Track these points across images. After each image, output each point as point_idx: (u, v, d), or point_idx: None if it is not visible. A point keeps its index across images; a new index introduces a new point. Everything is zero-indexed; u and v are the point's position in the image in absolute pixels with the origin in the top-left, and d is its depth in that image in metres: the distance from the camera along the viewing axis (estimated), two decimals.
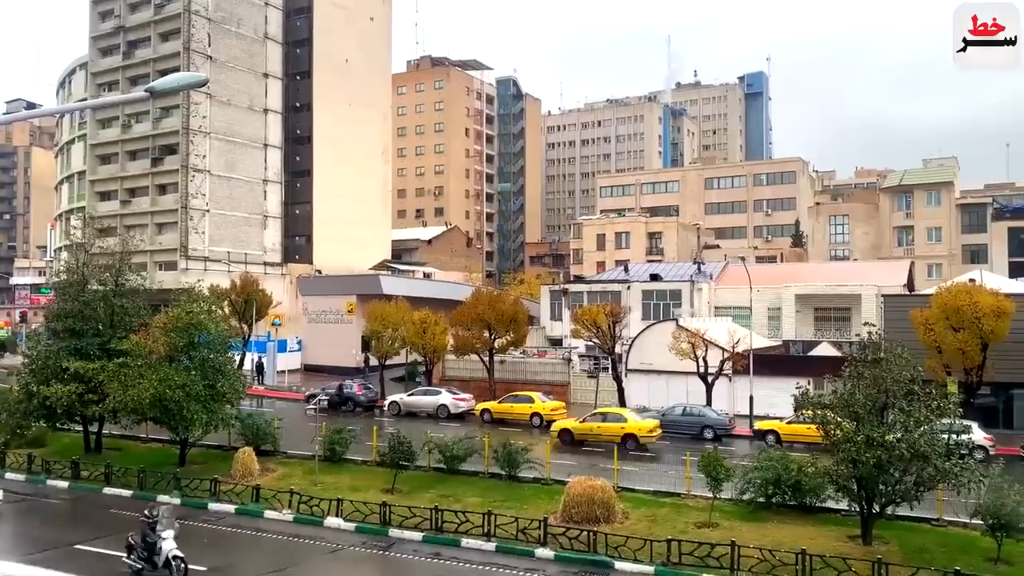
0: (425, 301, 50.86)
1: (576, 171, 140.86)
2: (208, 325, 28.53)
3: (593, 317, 40.70)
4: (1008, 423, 36.17)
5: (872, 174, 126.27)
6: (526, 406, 38.90)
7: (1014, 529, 18.46)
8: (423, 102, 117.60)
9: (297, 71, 75.58)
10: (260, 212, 71.13)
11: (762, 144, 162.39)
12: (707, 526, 21.35)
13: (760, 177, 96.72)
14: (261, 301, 53.11)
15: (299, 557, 20.33)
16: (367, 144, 79.07)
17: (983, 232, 73.78)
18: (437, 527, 21.50)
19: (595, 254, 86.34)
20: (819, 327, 53.87)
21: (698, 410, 36.86)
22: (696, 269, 60.07)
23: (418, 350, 45.64)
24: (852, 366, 20.47)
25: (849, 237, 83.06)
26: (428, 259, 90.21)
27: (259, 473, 27.05)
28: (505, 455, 26.25)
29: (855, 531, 20.44)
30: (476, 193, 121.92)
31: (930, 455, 18.52)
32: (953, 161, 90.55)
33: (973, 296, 33.61)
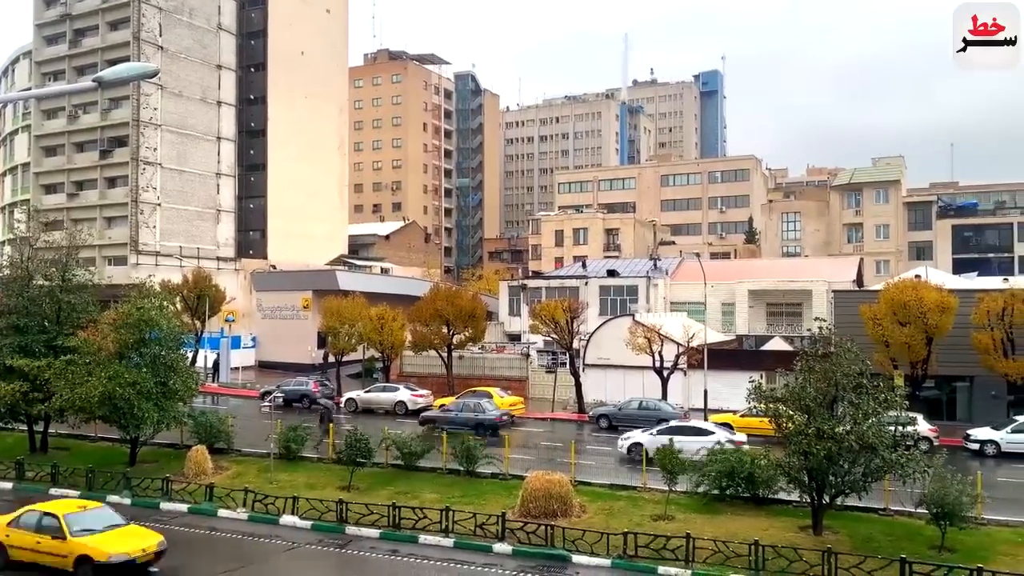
0: (382, 297, 50.56)
1: (535, 167, 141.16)
2: (159, 321, 27.98)
3: (551, 313, 40.86)
4: (951, 415, 37.33)
5: (823, 172, 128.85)
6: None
7: (957, 517, 19.09)
8: (380, 96, 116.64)
9: (251, 63, 74.30)
10: (213, 206, 69.85)
11: (717, 142, 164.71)
12: (663, 519, 21.64)
13: (715, 175, 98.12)
14: (214, 297, 52.20)
15: (254, 556, 20.08)
16: (323, 138, 78.16)
17: (928, 229, 75.90)
18: (395, 524, 21.42)
19: (553, 250, 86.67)
20: (771, 322, 54.87)
21: (654, 404, 37.27)
22: (652, 265, 60.66)
23: (375, 346, 45.32)
24: (803, 360, 20.90)
25: (801, 234, 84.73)
26: (386, 254, 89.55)
27: (213, 472, 26.65)
28: (463, 451, 26.25)
29: (806, 522, 20.91)
30: (434, 188, 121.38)
31: (878, 446, 19.03)
32: (900, 160, 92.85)
33: (919, 292, 34.53)
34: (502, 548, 19.96)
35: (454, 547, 20.36)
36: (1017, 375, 33.48)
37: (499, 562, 19.35)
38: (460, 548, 20.27)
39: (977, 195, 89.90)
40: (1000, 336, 33.79)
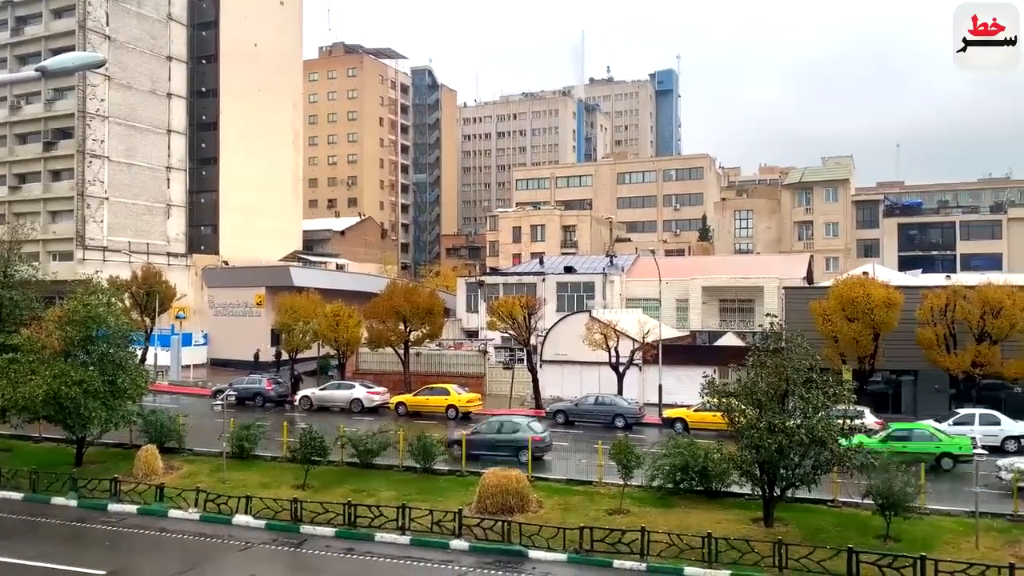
0: (338, 293, 50.07)
1: (492, 163, 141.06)
2: (107, 318, 27.31)
3: (509, 309, 40.93)
4: (896, 408, 38.39)
5: (774, 171, 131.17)
6: (442, 398, 38.81)
7: (901, 508, 19.66)
8: (336, 90, 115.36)
9: (203, 55, 72.77)
10: (163, 200, 68.30)
11: (672, 140, 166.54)
12: (618, 513, 21.86)
13: (669, 173, 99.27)
14: (164, 293, 51.10)
15: (207, 556, 19.75)
16: (277, 131, 76.97)
17: (876, 228, 77.96)
18: (350, 522, 21.26)
19: (511, 246, 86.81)
20: (724, 318, 55.82)
21: (610, 399, 37.61)
22: (609, 262, 61.20)
23: (330, 343, 44.87)
24: (755, 355, 21.30)
25: (753, 231, 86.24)
26: (341, 250, 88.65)
27: (163, 472, 26.14)
28: (420, 448, 26.15)
29: (758, 514, 21.32)
30: (391, 183, 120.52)
31: (827, 440, 19.49)
32: (849, 160, 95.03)
33: (866, 288, 35.40)
34: (459, 544, 19.95)
35: (411, 544, 20.29)
36: (959, 369, 34.53)
37: (456, 559, 19.34)
38: (417, 545, 20.21)
39: (922, 195, 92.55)
40: (943, 332, 34.80)
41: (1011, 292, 33.93)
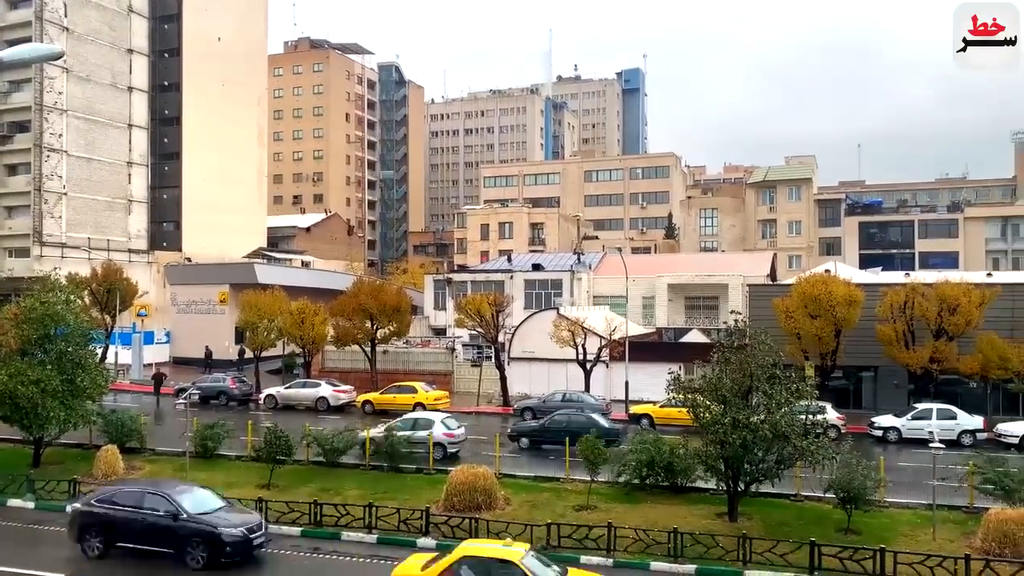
0: (303, 291, 49.60)
1: (460, 160, 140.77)
2: (66, 316, 26.74)
3: (477, 306, 40.90)
4: (857, 403, 39.12)
5: (739, 170, 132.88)
6: (409, 396, 38.67)
7: (862, 501, 20.07)
8: (301, 85, 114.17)
9: (165, 48, 71.52)
10: (124, 196, 67.05)
11: (638, 139, 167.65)
12: (585, 509, 21.98)
13: (636, 171, 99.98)
14: (125, 290, 50.21)
15: (168, 560, 19.39)
16: (241, 127, 75.96)
17: (838, 226, 79.35)
18: (316, 521, 21.09)
19: (479, 244, 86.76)
20: (690, 315, 56.37)
21: (577, 396, 37.76)
22: (576, 259, 61.46)
23: (296, 341, 44.44)
24: (720, 352, 21.54)
25: (718, 229, 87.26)
26: (307, 247, 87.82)
27: (124, 472, 25.67)
28: (387, 446, 26.04)
29: (722, 508, 21.58)
30: (357, 180, 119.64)
31: (790, 435, 19.78)
32: (812, 159, 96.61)
33: (828, 286, 35.97)
34: (426, 543, 19.90)
35: (377, 543, 20.19)
36: (917, 365, 35.27)
37: None
38: (384, 544, 20.11)
39: (882, 194, 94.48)
40: (902, 328, 35.51)
41: (967, 290, 34.73)
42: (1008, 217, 75.93)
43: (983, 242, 74.52)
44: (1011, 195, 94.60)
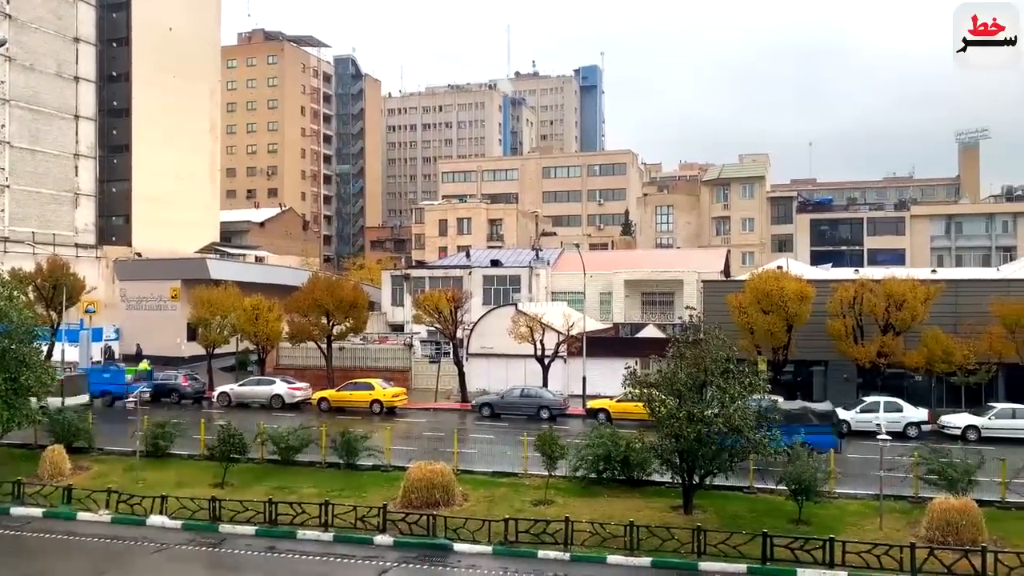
0: (257, 287, 48.86)
1: (418, 155, 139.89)
2: (9, 313, 25.90)
3: (435, 302, 40.74)
4: (808, 396, 39.77)
5: (694, 168, 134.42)
6: (366, 393, 38.39)
7: (812, 493, 20.50)
8: (255, 77, 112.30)
9: (114, 37, 69.74)
10: (71, 189, 65.19)
11: (596, 136, 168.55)
12: (543, 503, 22.08)
13: (594, 168, 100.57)
14: (72, 286, 48.77)
15: (119, 560, 19.02)
16: (193, 119, 74.44)
17: (789, 223, 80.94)
18: (271, 520, 20.82)
19: (437, 239, 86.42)
20: (646, 310, 56.98)
21: (535, 391, 37.96)
22: (535, 255, 61.64)
23: (250, 338, 43.76)
24: (675, 347, 21.80)
25: (673, 226, 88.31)
26: (261, 242, 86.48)
27: (71, 472, 25.05)
28: (343, 443, 25.81)
29: (678, 501, 21.87)
30: (313, 174, 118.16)
31: (743, 428, 20.14)
32: (765, 157, 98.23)
33: (780, 282, 36.65)
34: (383, 540, 19.79)
35: (334, 541, 20.01)
36: (865, 359, 36.13)
37: (380, 554, 19.18)
38: (340, 542, 19.94)
39: (832, 192, 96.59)
40: (851, 323, 36.34)
41: (913, 286, 35.68)
42: (952, 215, 78.28)
43: (928, 239, 76.70)
44: (955, 194, 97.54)
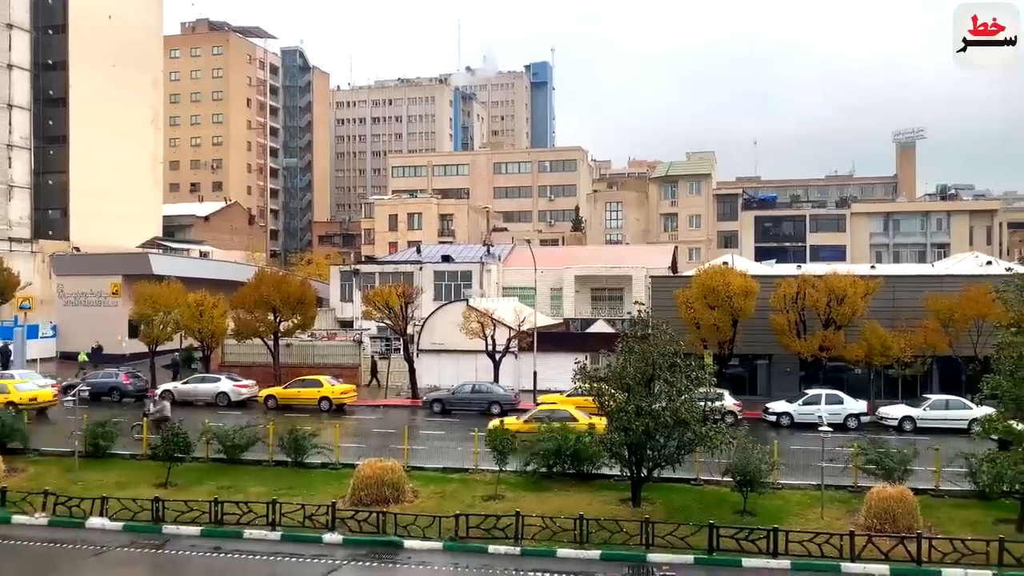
0: (202, 282, 47.85)
1: (367, 149, 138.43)
2: None
3: (385, 298, 40.40)
4: (753, 390, 40.80)
5: (643, 165, 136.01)
6: (314, 390, 37.89)
7: (757, 484, 20.96)
8: (199, 68, 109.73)
9: (49, 24, 67.31)
10: (4, 181, 62.83)
11: (547, 132, 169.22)
12: (494, 499, 22.13)
13: (544, 164, 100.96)
14: (5, 282, 47.25)
15: (56, 564, 18.46)
16: (134, 110, 72.39)
17: (735, 220, 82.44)
18: (217, 520, 20.45)
19: (387, 234, 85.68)
20: (596, 306, 57.47)
21: (486, 387, 37.97)
22: (486, 251, 61.58)
23: (194, 335, 42.79)
24: (624, 342, 22.06)
25: (623, 222, 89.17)
26: (205, 237, 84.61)
27: (5, 474, 24.20)
28: (291, 441, 25.44)
29: (626, 494, 22.14)
30: (259, 168, 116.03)
31: (690, 421, 20.48)
32: (711, 155, 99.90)
33: (726, 278, 37.28)
34: (332, 538, 19.61)
35: (282, 540, 19.75)
36: (808, 353, 37.03)
37: (329, 552, 19.01)
38: (288, 540, 19.69)
39: (776, 189, 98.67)
40: (794, 318, 37.20)
41: (853, 281, 36.70)
42: (890, 213, 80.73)
43: (868, 236, 78.96)
44: (892, 192, 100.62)
